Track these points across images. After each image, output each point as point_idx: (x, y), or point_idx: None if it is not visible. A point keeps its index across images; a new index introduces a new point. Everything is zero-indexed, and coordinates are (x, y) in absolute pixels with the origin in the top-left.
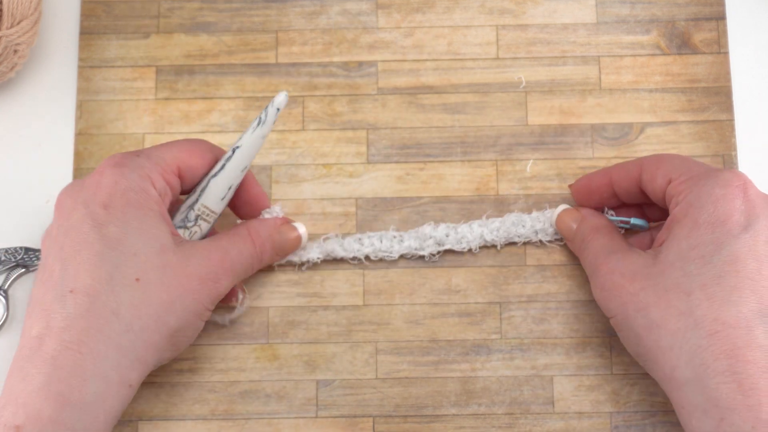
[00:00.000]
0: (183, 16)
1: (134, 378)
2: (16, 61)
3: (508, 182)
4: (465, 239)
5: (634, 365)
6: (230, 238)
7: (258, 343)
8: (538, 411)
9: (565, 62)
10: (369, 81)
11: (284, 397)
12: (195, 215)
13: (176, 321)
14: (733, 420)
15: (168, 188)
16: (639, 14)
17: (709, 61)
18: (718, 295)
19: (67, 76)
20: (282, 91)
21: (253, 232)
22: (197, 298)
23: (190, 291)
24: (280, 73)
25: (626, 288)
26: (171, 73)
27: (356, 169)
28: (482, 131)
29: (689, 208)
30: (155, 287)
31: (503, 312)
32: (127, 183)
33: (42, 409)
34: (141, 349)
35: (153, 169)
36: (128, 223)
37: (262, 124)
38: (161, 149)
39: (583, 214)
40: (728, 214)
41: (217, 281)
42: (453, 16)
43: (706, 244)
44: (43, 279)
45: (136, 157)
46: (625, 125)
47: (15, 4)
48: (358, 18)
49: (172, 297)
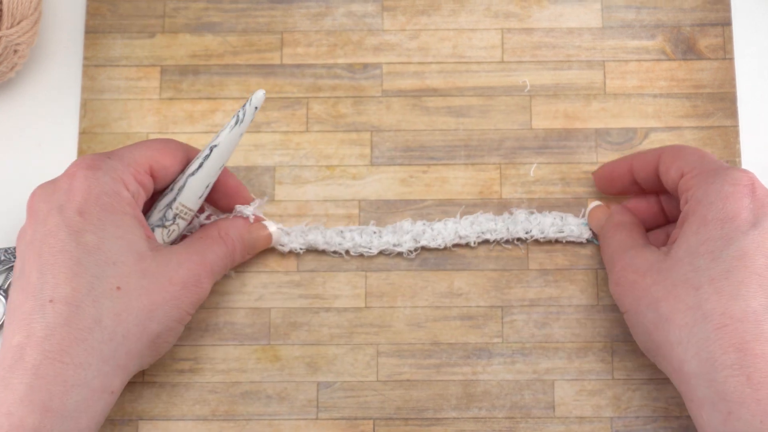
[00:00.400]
0: (188, 16)
1: (116, 384)
2: (16, 61)
3: (511, 186)
4: (440, 236)
5: (635, 370)
6: (204, 241)
7: (259, 344)
8: (539, 415)
9: (570, 66)
10: (373, 83)
11: (285, 399)
12: (173, 214)
13: (158, 327)
14: (741, 414)
15: (141, 189)
16: (644, 19)
17: (714, 66)
18: (727, 289)
19: (68, 75)
20: (259, 90)
21: (223, 233)
22: (179, 304)
23: (173, 297)
24: (284, 74)
25: (639, 283)
26: (176, 73)
27: (360, 171)
28: (486, 134)
29: (698, 205)
30: (136, 295)
31: (505, 316)
32: (100, 187)
33: (25, 417)
34: (123, 357)
35: (125, 171)
36: (105, 230)
37: (240, 122)
38: (132, 149)
39: (612, 210)
40: (737, 211)
41: (199, 285)
42: (458, 19)
43: (715, 240)
44: (22, 286)
45: (108, 159)
46: (629, 130)
47: (15, 4)
48: (364, 20)
49: (154, 304)
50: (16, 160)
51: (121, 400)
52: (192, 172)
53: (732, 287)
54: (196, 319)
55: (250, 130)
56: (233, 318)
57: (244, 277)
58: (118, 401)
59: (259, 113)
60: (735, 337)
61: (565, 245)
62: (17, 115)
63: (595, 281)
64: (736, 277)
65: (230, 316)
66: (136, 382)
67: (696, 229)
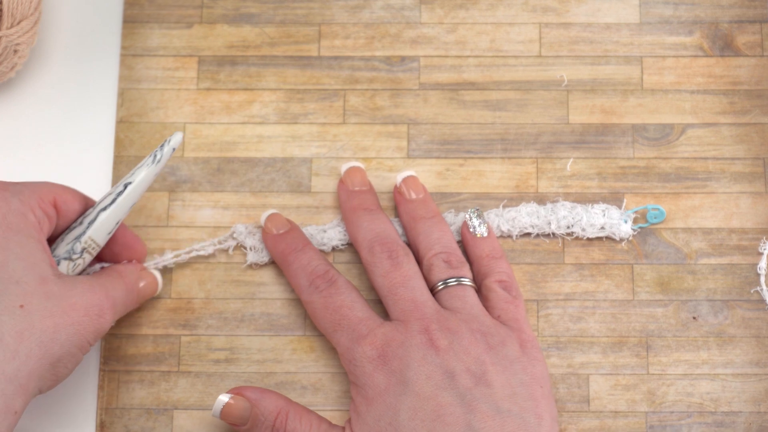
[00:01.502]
0: (226, 6)
1: (18, 405)
2: (16, 61)
3: (548, 180)
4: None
5: (670, 365)
6: (106, 277)
7: (294, 334)
8: (574, 409)
9: (607, 62)
10: (411, 76)
11: (320, 390)
12: (81, 247)
13: (60, 350)
14: None
15: (46, 218)
16: (682, 15)
17: (751, 63)
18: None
19: (68, 75)
20: (178, 132)
21: (123, 274)
22: (81, 330)
23: (75, 322)
24: (321, 66)
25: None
26: (213, 64)
27: (396, 163)
28: (523, 129)
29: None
30: (39, 315)
31: (540, 310)
32: (7, 207)
33: None
34: (24, 377)
35: (32, 197)
36: (9, 249)
37: (157, 162)
38: (36, 183)
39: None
40: (385, 385)
41: (102, 315)
42: (496, 13)
43: (386, 413)
44: None
45: (14, 185)
46: (666, 126)
47: (15, 4)
48: (401, 13)
49: (56, 326)
50: (15, 159)
51: (156, 389)
52: (104, 206)
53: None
54: (231, 310)
55: (286, 121)
56: (269, 308)
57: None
58: (153, 390)
59: (296, 105)
60: None
61: (601, 240)
62: (17, 115)
63: (631, 276)
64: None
65: (266, 307)
66: (172, 371)
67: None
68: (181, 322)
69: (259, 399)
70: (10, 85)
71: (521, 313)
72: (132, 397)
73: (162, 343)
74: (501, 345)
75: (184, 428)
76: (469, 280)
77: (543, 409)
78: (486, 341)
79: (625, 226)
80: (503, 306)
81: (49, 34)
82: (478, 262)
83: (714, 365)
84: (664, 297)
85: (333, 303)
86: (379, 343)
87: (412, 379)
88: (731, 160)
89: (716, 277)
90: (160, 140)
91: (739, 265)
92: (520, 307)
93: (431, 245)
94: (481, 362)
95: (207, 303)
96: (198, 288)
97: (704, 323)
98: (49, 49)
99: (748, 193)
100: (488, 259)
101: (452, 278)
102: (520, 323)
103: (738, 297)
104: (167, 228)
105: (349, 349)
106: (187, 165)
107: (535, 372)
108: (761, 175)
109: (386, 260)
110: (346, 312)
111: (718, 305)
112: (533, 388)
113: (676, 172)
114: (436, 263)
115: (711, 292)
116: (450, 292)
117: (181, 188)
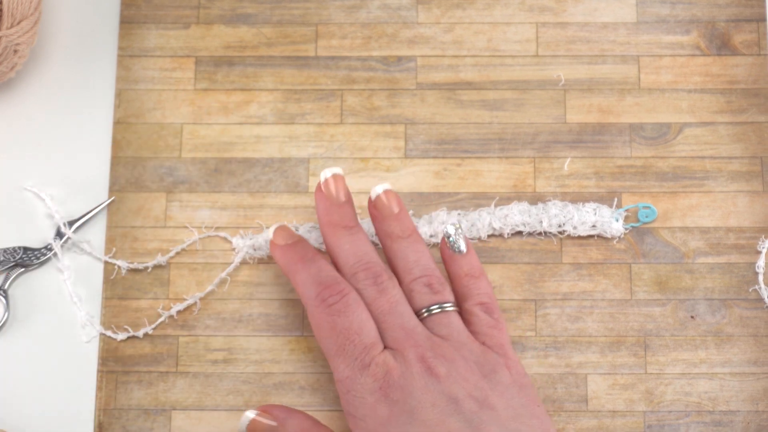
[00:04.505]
0: (223, 7)
1: None
2: (16, 61)
3: (545, 179)
4: (475, 227)
5: (668, 365)
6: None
7: (293, 335)
8: (572, 409)
9: (604, 61)
10: (408, 76)
11: (318, 390)
12: None
13: None
14: None
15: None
16: (679, 14)
17: (748, 62)
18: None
19: (66, 75)
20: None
21: None
22: None
23: None
24: (319, 67)
25: None
26: (210, 64)
27: (393, 163)
28: (520, 128)
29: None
30: None
31: (538, 309)
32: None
33: None
34: None
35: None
36: None
37: None
38: None
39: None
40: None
41: None
42: (493, 12)
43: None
44: None
45: None
46: (663, 125)
47: (15, 4)
48: (398, 12)
49: None
50: (14, 159)
51: (154, 390)
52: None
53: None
54: (229, 310)
55: (284, 122)
56: (267, 309)
57: (278, 268)
58: (151, 391)
59: (294, 105)
60: None
61: (598, 239)
62: (17, 115)
63: (629, 275)
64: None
65: (264, 307)
66: (170, 372)
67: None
68: (179, 322)
69: (285, 418)
70: (10, 85)
71: (505, 338)
72: (130, 398)
73: (160, 344)
74: (493, 372)
75: (182, 429)
76: (451, 304)
77: (547, 426)
78: (479, 369)
79: (617, 225)
80: (487, 331)
81: (49, 34)
82: (457, 281)
83: (712, 364)
84: (662, 296)
85: (340, 324)
86: (380, 375)
87: (417, 408)
88: (728, 159)
89: (714, 276)
90: (158, 140)
91: (737, 264)
92: (503, 331)
93: (410, 268)
94: (480, 388)
95: (205, 303)
96: (196, 288)
97: (702, 322)
98: (49, 49)
99: (746, 192)
100: (467, 279)
101: (435, 305)
102: (505, 349)
103: (736, 296)
104: (165, 228)
105: (349, 378)
106: (185, 165)
107: (529, 393)
108: (758, 174)
109: (371, 287)
110: (353, 337)
111: (716, 304)
112: (532, 407)
113: (673, 171)
114: (417, 288)
115: (709, 291)
116: (434, 320)
117: (178, 189)
